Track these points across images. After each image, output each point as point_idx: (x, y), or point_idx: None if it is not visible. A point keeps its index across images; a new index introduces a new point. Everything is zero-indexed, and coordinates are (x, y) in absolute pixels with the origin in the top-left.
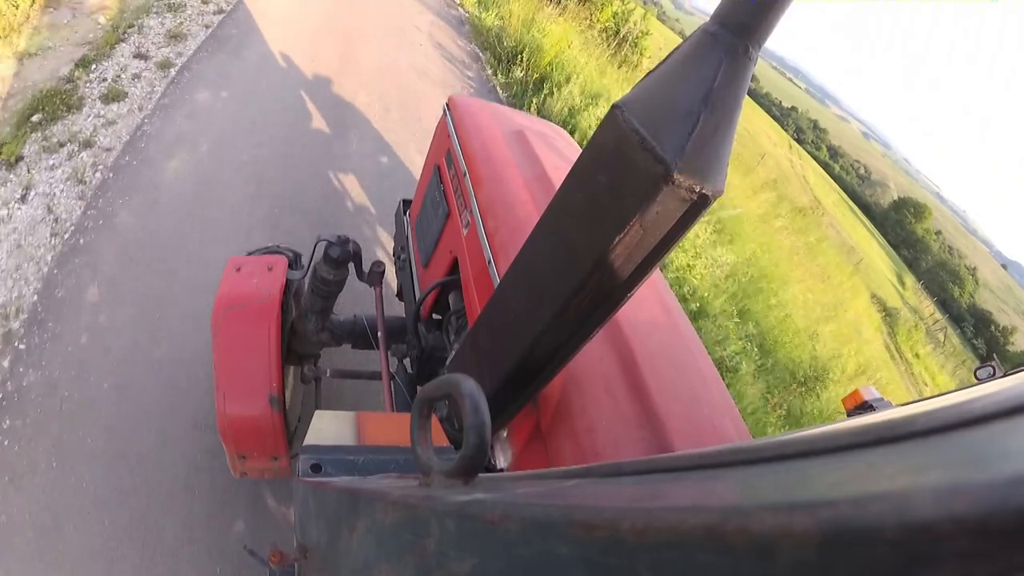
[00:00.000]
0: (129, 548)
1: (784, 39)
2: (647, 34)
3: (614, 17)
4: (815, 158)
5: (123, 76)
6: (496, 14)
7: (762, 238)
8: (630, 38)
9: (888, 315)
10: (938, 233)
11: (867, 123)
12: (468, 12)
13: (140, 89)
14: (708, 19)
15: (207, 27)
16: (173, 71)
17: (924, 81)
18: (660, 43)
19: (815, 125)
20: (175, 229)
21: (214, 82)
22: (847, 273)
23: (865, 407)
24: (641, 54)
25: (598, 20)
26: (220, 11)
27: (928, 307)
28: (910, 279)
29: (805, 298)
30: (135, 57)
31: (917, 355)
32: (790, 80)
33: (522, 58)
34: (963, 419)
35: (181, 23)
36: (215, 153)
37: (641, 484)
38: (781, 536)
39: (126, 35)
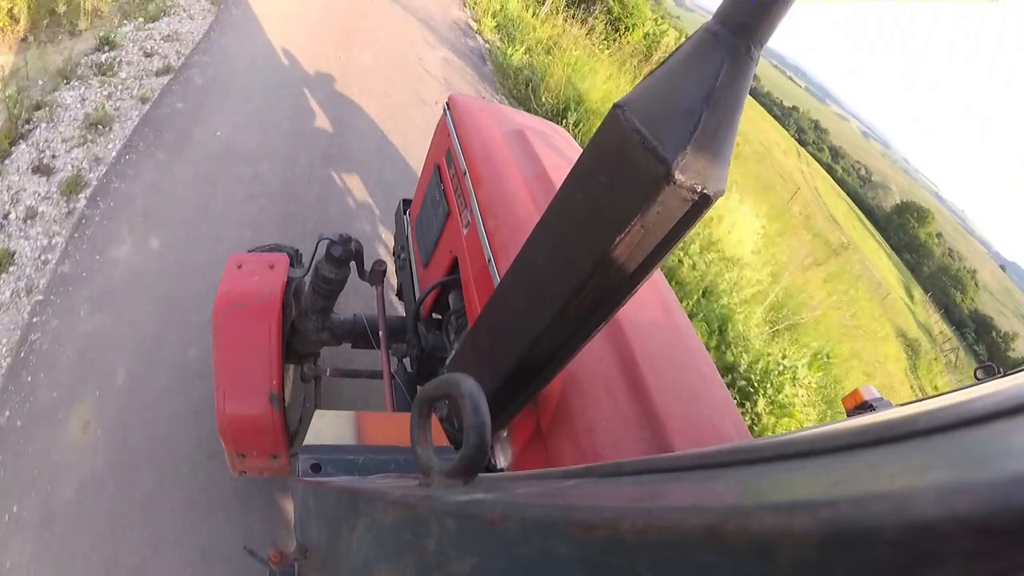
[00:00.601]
0: None
1: (784, 38)
2: None
3: (645, 39)
4: (818, 160)
5: (12, 216)
6: (524, 47)
7: (821, 321)
8: None
9: (910, 348)
10: (938, 235)
11: (866, 121)
12: (488, 43)
13: (32, 244)
14: (710, 18)
15: (144, 100)
16: (83, 199)
17: (924, 81)
18: None
19: (816, 125)
20: None
21: (142, 214)
22: (878, 316)
23: (865, 407)
24: None
25: (628, 42)
26: (166, 70)
27: (937, 322)
28: (918, 291)
29: (861, 381)
30: (35, 172)
31: (936, 388)
32: (790, 79)
33: (564, 121)
34: (964, 419)
35: (109, 95)
36: (136, 394)
37: (641, 484)
38: (781, 536)
39: (31, 125)
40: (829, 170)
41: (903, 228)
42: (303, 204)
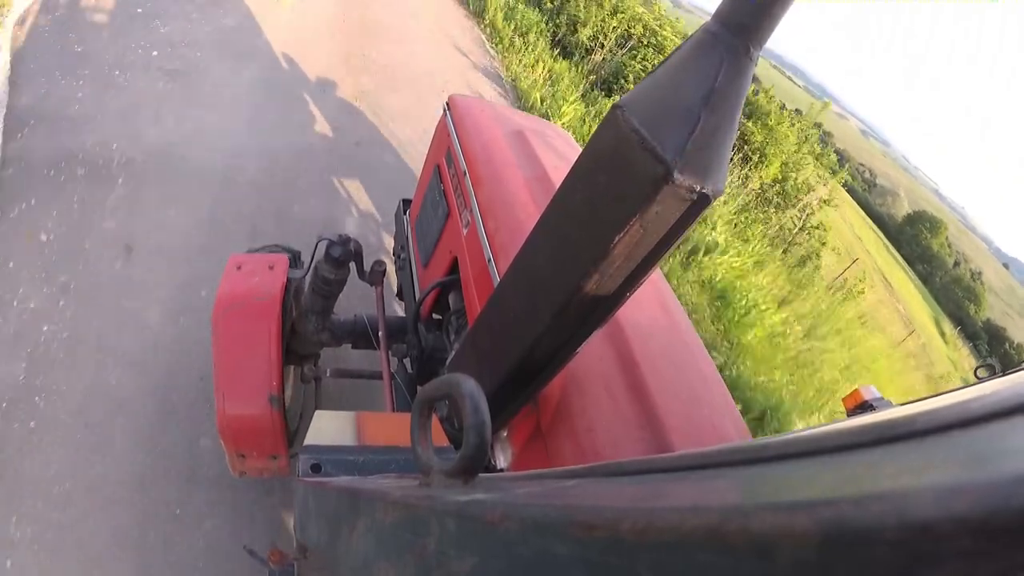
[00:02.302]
0: None
1: (782, 37)
2: (829, 202)
3: (782, 169)
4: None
5: None
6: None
7: None
8: (806, 227)
9: None
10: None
11: (864, 119)
12: None
13: None
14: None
15: None
16: None
17: (924, 81)
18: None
19: (819, 127)
20: None
21: None
22: None
23: (865, 407)
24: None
25: (760, 178)
26: None
27: (973, 367)
28: (947, 325)
29: None
30: None
31: None
32: (789, 78)
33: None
34: (963, 419)
35: None
36: None
37: (641, 484)
38: (781, 536)
39: None
40: (843, 184)
41: (916, 239)
42: None
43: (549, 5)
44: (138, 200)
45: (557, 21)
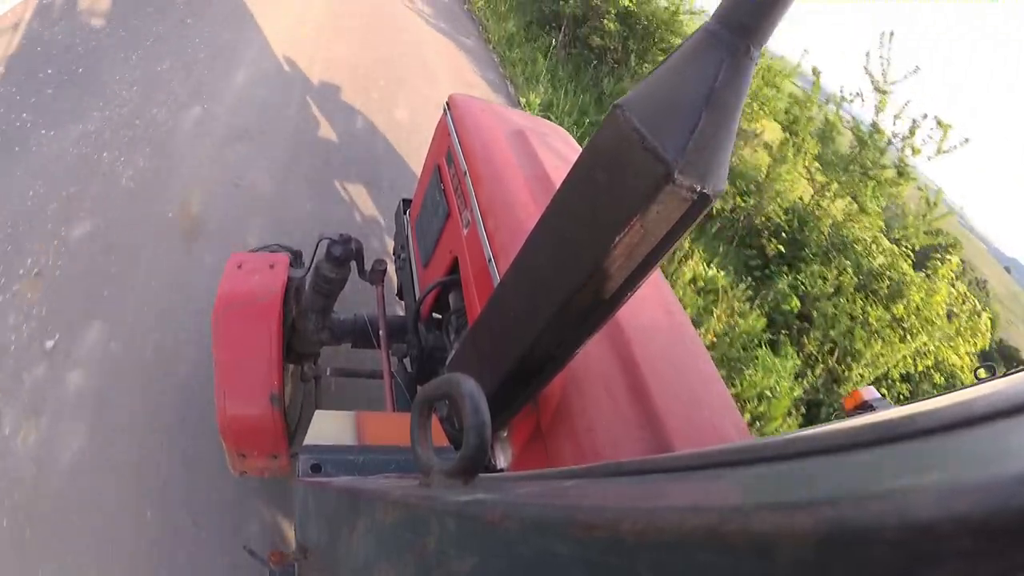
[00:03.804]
0: None
1: (782, 38)
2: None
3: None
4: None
5: None
6: None
7: None
8: None
9: None
10: (952, 246)
11: (859, 118)
12: None
13: None
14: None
15: None
16: None
17: (924, 81)
18: None
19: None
20: None
21: None
22: None
23: (865, 407)
24: None
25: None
26: None
27: None
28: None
29: None
30: None
31: None
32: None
33: None
34: (964, 419)
35: None
36: None
37: (641, 484)
38: (781, 535)
39: None
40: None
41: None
42: None
43: (788, 307)
44: None
45: (814, 373)
